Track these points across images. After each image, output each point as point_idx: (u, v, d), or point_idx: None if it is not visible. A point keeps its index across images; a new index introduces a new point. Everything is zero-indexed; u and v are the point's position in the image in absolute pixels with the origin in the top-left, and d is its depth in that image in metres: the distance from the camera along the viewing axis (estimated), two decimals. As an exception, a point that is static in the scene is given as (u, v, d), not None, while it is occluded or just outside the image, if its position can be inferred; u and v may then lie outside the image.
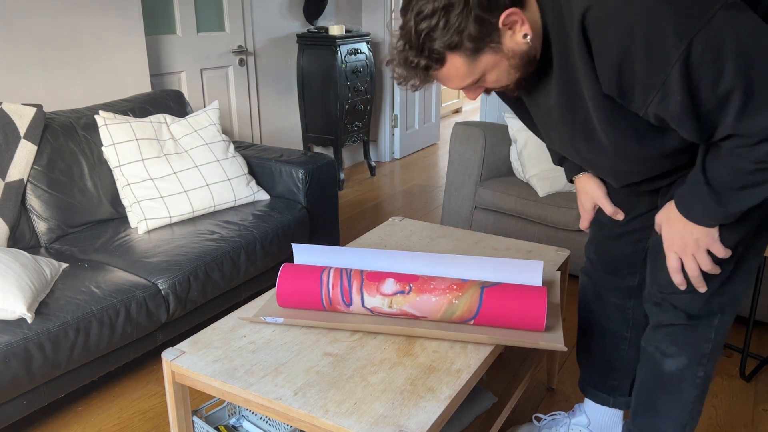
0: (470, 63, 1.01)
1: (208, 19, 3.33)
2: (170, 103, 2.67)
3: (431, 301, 1.31)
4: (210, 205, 2.36)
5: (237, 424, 1.53)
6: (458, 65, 1.02)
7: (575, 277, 2.77)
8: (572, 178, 1.49)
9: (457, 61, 1.01)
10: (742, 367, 2.06)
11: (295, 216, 2.46)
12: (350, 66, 3.99)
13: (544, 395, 1.97)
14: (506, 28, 0.99)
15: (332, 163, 2.69)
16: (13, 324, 1.62)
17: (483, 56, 1.01)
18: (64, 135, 2.26)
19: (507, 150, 2.86)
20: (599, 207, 1.48)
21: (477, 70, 1.03)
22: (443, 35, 0.97)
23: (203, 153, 2.41)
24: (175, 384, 1.31)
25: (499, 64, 1.03)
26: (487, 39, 0.98)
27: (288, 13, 3.90)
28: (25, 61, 2.37)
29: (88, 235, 2.20)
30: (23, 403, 1.67)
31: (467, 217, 2.86)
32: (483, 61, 1.02)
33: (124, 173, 2.26)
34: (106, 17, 2.61)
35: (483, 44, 0.99)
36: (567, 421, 1.71)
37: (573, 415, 1.72)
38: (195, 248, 2.10)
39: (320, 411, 1.11)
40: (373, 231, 1.94)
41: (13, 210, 2.08)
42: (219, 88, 3.45)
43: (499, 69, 1.04)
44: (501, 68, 1.04)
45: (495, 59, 1.02)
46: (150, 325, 1.93)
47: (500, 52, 1.01)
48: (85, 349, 1.74)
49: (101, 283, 1.87)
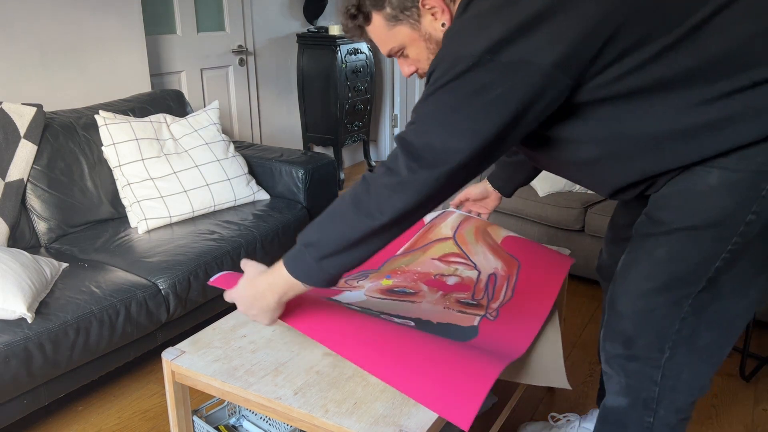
0: (389, 28, 1.11)
1: (208, 18, 3.33)
2: (170, 102, 2.67)
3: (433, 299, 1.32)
4: (210, 204, 2.36)
5: (237, 424, 1.53)
6: (379, 26, 1.11)
7: (575, 278, 2.77)
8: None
9: (378, 21, 1.11)
10: (742, 367, 2.06)
11: (295, 216, 2.46)
12: (350, 66, 3.99)
13: (544, 395, 1.98)
14: (428, 11, 1.07)
15: (332, 163, 2.69)
16: (13, 324, 1.62)
17: (400, 26, 1.10)
18: (64, 135, 2.26)
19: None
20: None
21: (396, 39, 1.12)
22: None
23: (203, 153, 2.41)
24: (175, 384, 1.31)
25: (416, 42, 1.11)
26: (406, 12, 1.08)
27: (288, 13, 3.90)
28: (25, 61, 2.37)
29: (88, 235, 2.20)
30: (23, 402, 1.67)
31: (467, 217, 2.85)
32: (401, 32, 1.10)
33: (124, 173, 2.26)
34: (106, 17, 2.61)
35: (402, 15, 1.08)
36: (576, 424, 1.72)
37: (584, 420, 1.73)
38: (195, 248, 2.10)
39: (320, 411, 1.11)
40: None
41: (13, 210, 2.08)
42: (219, 87, 3.44)
43: (417, 47, 1.12)
44: (419, 47, 1.12)
45: (412, 35, 1.10)
46: (150, 324, 1.93)
47: (417, 30, 1.09)
48: (85, 349, 1.74)
49: (101, 282, 1.87)
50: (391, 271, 1.64)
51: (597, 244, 2.52)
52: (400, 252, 1.73)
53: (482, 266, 1.63)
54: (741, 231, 0.99)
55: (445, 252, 1.70)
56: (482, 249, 1.69)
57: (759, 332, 2.32)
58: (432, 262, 1.66)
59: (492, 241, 1.72)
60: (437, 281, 1.58)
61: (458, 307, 1.46)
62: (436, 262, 1.66)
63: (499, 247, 1.70)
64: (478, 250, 1.69)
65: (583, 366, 2.13)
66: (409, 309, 1.44)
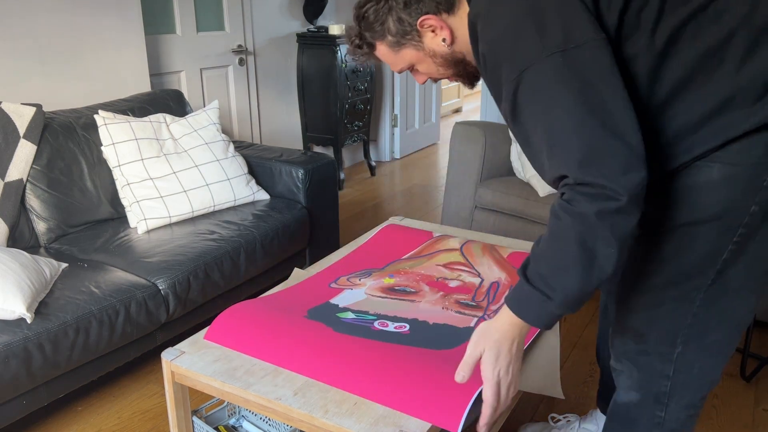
0: (395, 53, 1.15)
1: (207, 18, 3.32)
2: (170, 102, 2.67)
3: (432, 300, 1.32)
4: (210, 204, 2.36)
5: (237, 424, 1.53)
6: (385, 53, 1.16)
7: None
8: None
9: (383, 48, 1.16)
10: (742, 368, 2.06)
11: (295, 216, 2.45)
12: (350, 65, 3.99)
13: (544, 396, 1.97)
14: (428, 30, 1.10)
15: (332, 163, 2.69)
16: (12, 324, 1.62)
17: (405, 50, 1.14)
18: (64, 135, 2.26)
19: (507, 150, 2.86)
20: None
21: (404, 60, 1.16)
22: (369, 26, 1.13)
23: (203, 153, 2.40)
24: (175, 384, 1.30)
25: (423, 59, 1.15)
26: (407, 36, 1.11)
27: (288, 13, 3.90)
28: (25, 61, 2.36)
29: (88, 235, 2.20)
30: (23, 403, 1.67)
31: (467, 217, 2.85)
32: (406, 54, 1.15)
33: (123, 173, 2.25)
34: (106, 17, 2.61)
35: (404, 40, 1.12)
36: (576, 425, 1.72)
37: (584, 420, 1.73)
38: (195, 248, 2.10)
39: (320, 411, 1.11)
40: (374, 231, 1.93)
41: (13, 210, 2.08)
42: (219, 87, 3.44)
43: (425, 64, 1.16)
44: (427, 63, 1.16)
45: (418, 55, 1.14)
46: (150, 325, 1.92)
47: (422, 50, 1.13)
48: (84, 349, 1.74)
49: (101, 283, 1.86)
50: (395, 271, 1.64)
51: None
52: (405, 257, 1.74)
53: (486, 275, 1.64)
54: (745, 222, 1.01)
55: (450, 260, 1.72)
56: (488, 261, 1.71)
57: (759, 332, 2.32)
58: (436, 267, 1.68)
59: (498, 256, 1.74)
60: (439, 283, 1.59)
61: (457, 308, 1.46)
62: (440, 268, 1.68)
63: (505, 260, 1.72)
64: (483, 261, 1.72)
65: (583, 366, 2.13)
66: (407, 309, 1.45)
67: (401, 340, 1.30)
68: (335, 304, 1.46)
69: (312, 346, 1.26)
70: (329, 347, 1.26)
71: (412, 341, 1.30)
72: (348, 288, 1.55)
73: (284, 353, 1.26)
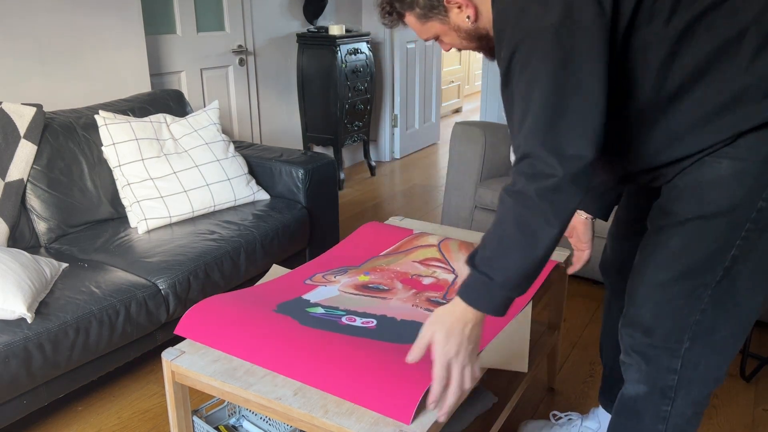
0: (422, 24, 1.19)
1: (208, 18, 3.33)
2: (170, 102, 2.67)
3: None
4: (210, 204, 2.36)
5: (237, 424, 1.53)
6: (412, 22, 1.21)
7: (576, 278, 2.76)
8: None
9: (411, 19, 1.20)
10: (742, 368, 2.06)
11: (295, 216, 2.45)
12: (350, 66, 3.99)
13: (544, 395, 1.97)
14: (454, 6, 1.13)
15: (332, 163, 2.69)
16: (13, 324, 1.62)
17: (431, 22, 1.18)
18: (64, 135, 2.26)
19: (507, 150, 2.86)
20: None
21: (430, 31, 1.20)
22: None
23: (203, 153, 2.40)
24: (175, 384, 1.31)
25: (448, 32, 1.19)
26: (434, 11, 1.16)
27: (288, 13, 3.90)
28: (25, 61, 2.36)
29: (88, 235, 2.20)
30: (23, 403, 1.67)
31: (467, 216, 2.85)
32: (433, 26, 1.19)
33: (124, 173, 2.26)
34: (106, 17, 2.61)
35: (431, 13, 1.16)
36: (578, 423, 1.72)
37: (586, 419, 1.73)
38: (195, 248, 2.10)
39: (320, 411, 1.11)
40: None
41: (13, 210, 2.08)
42: (219, 87, 3.44)
43: (450, 36, 1.20)
44: (451, 36, 1.20)
45: (443, 28, 1.18)
46: (150, 325, 1.92)
47: (447, 24, 1.17)
48: (84, 349, 1.74)
49: (101, 283, 1.87)
50: (371, 269, 1.66)
51: (598, 244, 2.52)
52: (383, 253, 1.75)
53: (460, 271, 1.66)
54: (753, 218, 1.02)
55: (427, 257, 1.73)
56: (464, 256, 1.71)
57: (759, 332, 2.32)
58: (412, 264, 1.69)
59: None
60: (413, 280, 1.61)
61: (426, 305, 1.48)
62: (416, 264, 1.69)
63: None
64: (459, 257, 1.73)
65: (584, 366, 2.13)
66: (378, 306, 1.47)
67: (366, 335, 1.32)
68: (306, 299, 1.48)
69: (275, 339, 1.27)
70: (292, 339, 1.27)
71: (377, 336, 1.32)
72: (322, 285, 1.57)
73: (248, 346, 1.27)
